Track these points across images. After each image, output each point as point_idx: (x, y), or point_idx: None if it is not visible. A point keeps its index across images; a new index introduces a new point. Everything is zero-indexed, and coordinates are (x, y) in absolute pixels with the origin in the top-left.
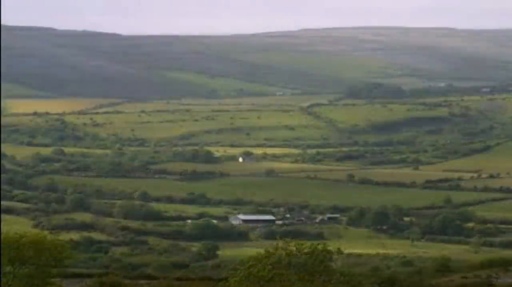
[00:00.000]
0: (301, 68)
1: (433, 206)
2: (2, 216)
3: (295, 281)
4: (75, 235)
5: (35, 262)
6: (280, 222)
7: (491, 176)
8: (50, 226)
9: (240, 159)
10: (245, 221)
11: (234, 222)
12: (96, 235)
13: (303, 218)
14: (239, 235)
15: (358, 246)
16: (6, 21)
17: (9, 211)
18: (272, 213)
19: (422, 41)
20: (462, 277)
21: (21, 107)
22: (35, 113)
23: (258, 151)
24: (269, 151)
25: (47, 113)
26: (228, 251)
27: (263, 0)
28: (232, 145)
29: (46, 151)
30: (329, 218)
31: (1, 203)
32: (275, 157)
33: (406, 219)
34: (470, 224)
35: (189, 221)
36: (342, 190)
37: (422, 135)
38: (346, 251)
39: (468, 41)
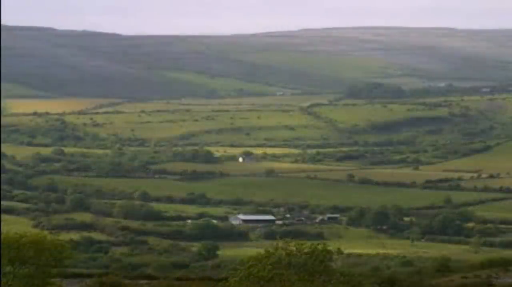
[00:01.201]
0: (301, 68)
1: (433, 206)
2: (2, 216)
3: (295, 281)
4: (75, 235)
5: (35, 262)
6: (280, 222)
7: (491, 176)
8: (50, 226)
9: (240, 159)
10: (245, 221)
11: (234, 222)
12: (96, 235)
13: (303, 218)
14: (239, 235)
15: (358, 246)
16: (6, 21)
17: (9, 211)
18: (272, 213)
19: (422, 41)
20: (462, 277)
21: (21, 107)
22: (35, 113)
23: (258, 151)
24: (269, 151)
25: (47, 113)
26: (228, 251)
27: (263, 0)
28: (232, 145)
29: (46, 151)
30: (329, 218)
31: (1, 203)
32: (275, 157)
33: (406, 219)
34: (470, 224)
35: (189, 221)
36: (342, 190)
37: (422, 135)
38: (346, 251)
39: (467, 41)
